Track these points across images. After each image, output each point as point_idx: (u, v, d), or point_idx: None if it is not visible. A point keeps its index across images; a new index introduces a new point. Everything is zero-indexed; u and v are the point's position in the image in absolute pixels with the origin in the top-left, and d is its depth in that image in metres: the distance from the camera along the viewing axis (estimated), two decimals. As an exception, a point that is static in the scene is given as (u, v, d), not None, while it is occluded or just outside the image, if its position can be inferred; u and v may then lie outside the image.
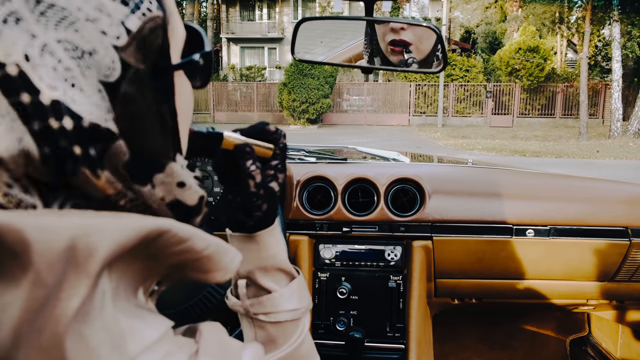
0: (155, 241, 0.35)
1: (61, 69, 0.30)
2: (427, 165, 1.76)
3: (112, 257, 0.32)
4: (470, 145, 13.28)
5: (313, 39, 1.11)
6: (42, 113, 0.30)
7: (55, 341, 0.29)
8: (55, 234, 0.29)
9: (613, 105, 15.99)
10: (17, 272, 0.28)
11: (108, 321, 0.32)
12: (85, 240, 0.30)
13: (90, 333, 0.30)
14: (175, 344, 0.36)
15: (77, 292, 0.29)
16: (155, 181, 0.38)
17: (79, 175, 0.32)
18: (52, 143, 0.31)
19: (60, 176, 0.32)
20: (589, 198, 1.37)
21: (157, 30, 0.36)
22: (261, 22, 24.32)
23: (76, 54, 0.31)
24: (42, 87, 0.30)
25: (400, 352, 1.34)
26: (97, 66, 0.32)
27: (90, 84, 0.32)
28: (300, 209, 1.35)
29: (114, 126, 0.33)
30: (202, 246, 0.39)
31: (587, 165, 10.04)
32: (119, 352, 0.31)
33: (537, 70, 18.57)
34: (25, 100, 0.29)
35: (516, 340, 2.03)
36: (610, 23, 16.71)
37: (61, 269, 0.29)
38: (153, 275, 0.39)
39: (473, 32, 26.57)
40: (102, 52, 0.32)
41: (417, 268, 1.34)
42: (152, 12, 0.35)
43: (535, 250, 1.33)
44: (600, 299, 1.43)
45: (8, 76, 0.29)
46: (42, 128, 0.30)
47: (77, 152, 0.32)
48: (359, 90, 20.82)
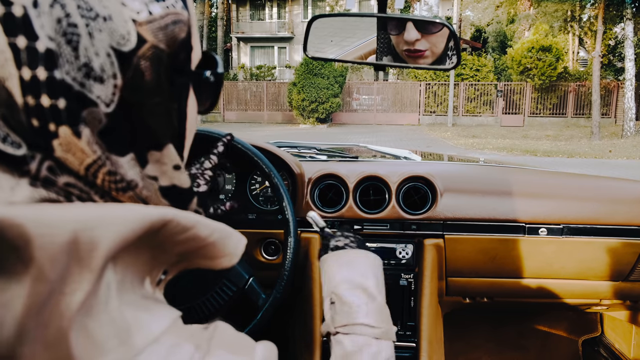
0: (160, 231, 0.35)
1: (65, 23, 0.30)
2: (439, 164, 1.76)
3: (116, 250, 0.31)
4: (481, 145, 13.20)
5: (325, 37, 1.11)
6: (34, 61, 0.30)
7: (60, 336, 0.28)
8: (57, 228, 0.28)
9: (626, 105, 15.81)
10: (18, 268, 0.28)
11: (113, 315, 0.31)
12: (88, 234, 0.29)
13: (95, 327, 0.30)
14: (182, 335, 0.35)
15: (80, 286, 0.29)
16: (149, 157, 0.38)
17: (59, 134, 0.32)
18: (37, 93, 0.30)
19: (41, 132, 0.31)
20: (603, 197, 1.36)
21: (180, 24, 0.36)
22: (271, 22, 24.36)
23: (89, 14, 0.31)
24: (41, 34, 0.30)
25: (411, 351, 1.33)
26: (109, 31, 0.32)
27: (96, 46, 0.32)
28: (312, 206, 1.35)
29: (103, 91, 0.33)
30: (206, 233, 0.39)
31: (599, 165, 9.94)
32: (125, 346, 0.31)
33: (549, 69, 18.41)
34: (21, 44, 0.29)
35: (528, 340, 2.02)
36: (624, 21, 16.51)
37: (64, 263, 0.28)
38: (160, 264, 0.39)
39: (484, 30, 26.41)
40: (118, 20, 0.32)
41: (428, 266, 1.33)
42: (176, 8, 0.36)
43: (548, 249, 1.32)
44: (614, 299, 1.42)
45: (12, 15, 0.29)
46: (31, 77, 0.30)
47: (61, 106, 0.31)
48: (369, 89, 20.78)
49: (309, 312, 1.35)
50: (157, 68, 0.35)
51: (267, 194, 1.36)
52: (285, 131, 17.38)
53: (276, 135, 15.15)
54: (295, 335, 1.49)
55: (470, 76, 20.24)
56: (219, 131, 1.10)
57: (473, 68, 20.26)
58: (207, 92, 0.45)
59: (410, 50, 1.02)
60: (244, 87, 21.61)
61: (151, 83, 0.35)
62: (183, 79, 0.39)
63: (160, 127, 0.38)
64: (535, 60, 18.35)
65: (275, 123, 20.85)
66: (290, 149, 1.78)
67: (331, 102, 18.44)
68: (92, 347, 0.29)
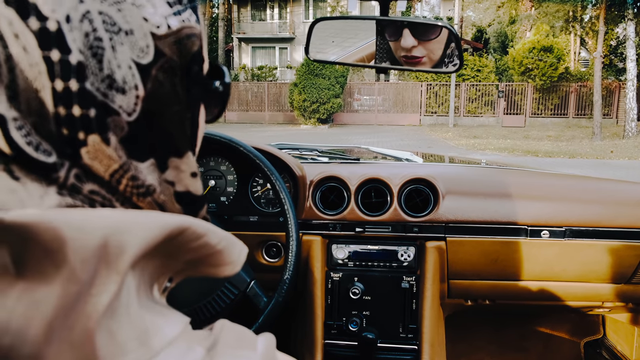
0: (176, 239, 0.36)
1: (92, 37, 0.32)
2: (441, 166, 1.75)
3: (141, 254, 0.33)
4: (482, 146, 13.19)
5: (327, 39, 1.11)
6: (67, 72, 0.31)
7: (86, 336, 0.29)
8: (89, 232, 0.29)
9: (627, 105, 15.78)
10: (50, 269, 0.29)
11: (134, 317, 0.32)
12: (117, 238, 0.30)
13: (117, 328, 0.31)
14: (194, 339, 0.36)
15: (107, 288, 0.30)
16: (170, 164, 0.40)
17: (88, 142, 0.33)
18: (68, 103, 0.32)
19: (70, 140, 0.32)
20: (606, 199, 1.36)
21: (194, 38, 0.38)
22: (272, 22, 24.37)
23: (113, 29, 0.33)
24: (73, 48, 0.31)
25: (413, 353, 1.33)
26: (130, 45, 0.34)
27: (119, 58, 0.33)
28: (313, 209, 1.35)
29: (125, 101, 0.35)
30: (216, 241, 0.40)
31: (601, 165, 9.93)
32: (144, 347, 0.32)
33: (550, 69, 18.40)
34: (55, 57, 0.31)
35: (529, 342, 2.01)
36: (625, 21, 16.49)
37: (94, 265, 0.29)
38: (167, 272, 0.40)
39: (485, 31, 26.40)
40: (138, 34, 0.34)
41: (430, 269, 1.33)
42: (191, 22, 0.38)
43: (550, 251, 1.32)
44: (616, 301, 1.42)
45: (47, 30, 0.30)
46: (64, 88, 0.31)
47: (92, 115, 0.33)
48: (370, 90, 20.78)
49: (311, 314, 1.34)
50: (173, 79, 0.37)
51: (268, 196, 1.36)
52: (287, 132, 17.38)
53: (277, 136, 15.16)
54: (297, 338, 1.49)
55: (472, 77, 20.23)
56: (220, 133, 1.10)
57: (474, 68, 20.26)
58: (216, 101, 0.46)
59: (408, 56, 1.03)
60: (245, 87, 21.63)
61: (169, 93, 0.37)
62: (196, 89, 0.41)
63: (180, 134, 0.40)
64: (537, 60, 18.34)
65: (277, 123, 20.86)
66: (292, 150, 1.78)
67: (332, 103, 18.45)
68: (115, 348, 0.30)
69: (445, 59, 1.02)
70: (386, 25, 1.01)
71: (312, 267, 1.35)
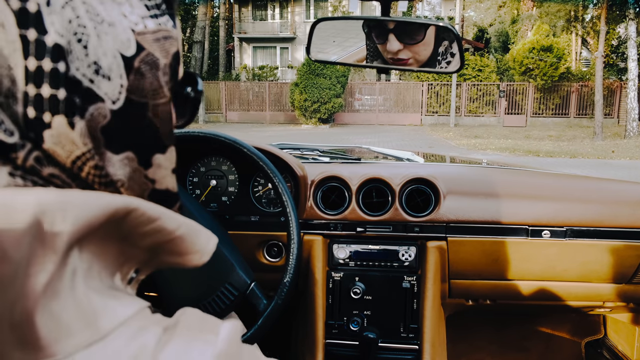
0: (124, 220, 0.36)
1: (76, 24, 0.33)
2: (442, 166, 1.75)
3: (81, 233, 0.32)
4: (483, 145, 13.18)
5: (329, 39, 1.11)
6: (42, 52, 0.32)
7: (26, 317, 0.29)
8: (19, 210, 0.29)
9: (629, 105, 15.77)
10: None
11: (79, 299, 0.32)
12: (51, 215, 0.30)
13: (60, 310, 0.30)
14: (149, 320, 0.36)
15: (44, 267, 0.29)
16: (153, 161, 0.41)
17: (52, 125, 0.33)
18: (39, 83, 0.32)
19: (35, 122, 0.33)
20: (606, 199, 1.36)
21: (171, 40, 0.40)
22: (273, 22, 24.37)
23: (97, 18, 0.34)
24: (50, 30, 0.32)
25: (414, 353, 1.33)
26: (114, 36, 0.35)
27: (104, 47, 0.34)
28: (315, 209, 1.35)
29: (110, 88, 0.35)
30: (173, 226, 0.40)
31: (602, 165, 9.92)
32: (91, 329, 0.32)
33: (551, 69, 18.39)
34: (32, 36, 0.32)
35: (530, 342, 2.01)
36: (626, 21, 16.47)
37: (28, 245, 0.29)
38: (129, 260, 0.40)
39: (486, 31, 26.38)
40: (119, 28, 0.35)
41: (431, 269, 1.33)
42: (167, 26, 0.39)
43: (551, 251, 1.32)
44: (617, 301, 1.42)
45: (26, 10, 0.31)
46: (36, 67, 0.32)
47: (61, 96, 0.33)
48: (371, 89, 20.78)
49: (312, 314, 1.35)
50: (156, 73, 0.38)
51: (269, 196, 1.36)
52: (287, 131, 17.38)
53: (278, 136, 15.16)
54: (298, 338, 1.49)
55: (473, 76, 20.22)
56: (221, 133, 1.10)
57: (475, 68, 20.24)
58: (187, 107, 0.48)
59: (394, 59, 1.03)
60: (246, 87, 21.63)
61: (152, 85, 0.38)
62: (174, 87, 0.42)
63: (164, 128, 0.41)
64: (537, 60, 18.32)
65: (278, 123, 20.86)
66: (293, 150, 1.78)
67: (333, 103, 18.44)
68: (58, 329, 0.30)
69: (446, 59, 1.02)
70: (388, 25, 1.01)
71: (313, 267, 1.35)
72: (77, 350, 0.31)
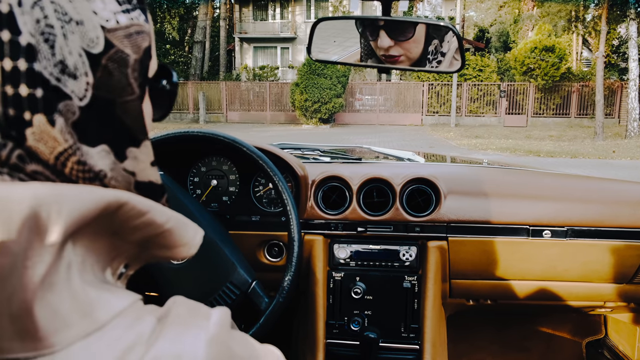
0: (116, 214, 0.37)
1: (44, 24, 0.34)
2: (443, 166, 1.75)
3: (75, 226, 0.33)
4: (484, 145, 13.18)
5: (329, 39, 1.11)
6: (16, 52, 0.32)
7: (25, 309, 0.29)
8: (16, 203, 0.30)
9: (630, 105, 15.75)
10: None
11: (75, 291, 0.33)
12: (47, 209, 0.31)
13: (58, 301, 0.31)
14: (144, 310, 0.37)
15: (42, 259, 0.30)
16: (128, 154, 0.42)
17: (33, 123, 0.34)
18: (15, 82, 0.33)
19: (16, 121, 0.33)
20: (607, 199, 1.36)
21: (143, 34, 0.40)
22: (274, 22, 24.37)
23: (64, 17, 0.35)
24: (24, 30, 0.33)
25: (414, 353, 1.33)
26: (81, 34, 0.36)
27: (70, 46, 0.35)
28: (315, 208, 1.35)
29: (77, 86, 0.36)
30: (162, 219, 0.41)
31: (603, 165, 9.91)
32: (88, 320, 0.32)
33: (552, 69, 18.37)
34: (5, 37, 0.32)
35: (531, 342, 2.01)
36: (627, 21, 16.46)
37: (25, 237, 0.29)
38: (119, 254, 0.40)
39: (487, 31, 26.37)
40: (88, 25, 0.36)
41: (432, 268, 1.33)
42: (139, 20, 0.40)
43: (552, 251, 1.32)
44: (618, 301, 1.42)
45: None
46: (12, 67, 0.32)
47: (39, 95, 0.34)
48: (372, 89, 20.77)
49: (312, 314, 1.35)
50: (124, 70, 0.39)
51: (270, 196, 1.36)
52: (288, 131, 17.38)
53: (279, 136, 15.16)
54: (299, 337, 1.49)
55: (474, 76, 20.21)
56: (221, 132, 1.10)
57: (476, 68, 20.23)
58: (162, 100, 0.48)
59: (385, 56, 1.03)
60: (247, 87, 21.63)
61: (119, 83, 0.39)
62: (145, 83, 0.43)
63: (134, 124, 0.42)
64: (538, 60, 18.31)
65: (278, 123, 20.86)
66: (294, 150, 1.78)
67: (334, 103, 18.44)
68: (56, 320, 0.31)
69: (447, 58, 1.02)
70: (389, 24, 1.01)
71: (314, 266, 1.35)
72: (75, 340, 0.31)
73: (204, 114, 20.68)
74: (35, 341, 0.30)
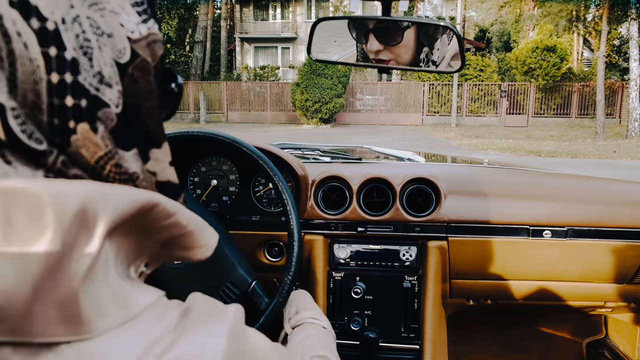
0: (148, 214, 0.40)
1: (82, 38, 0.37)
2: (443, 165, 1.75)
3: (115, 223, 0.36)
4: (485, 145, 13.17)
5: (329, 39, 1.11)
6: (63, 66, 0.35)
7: (72, 296, 0.32)
8: (69, 199, 0.33)
9: (630, 105, 15.74)
10: (35, 234, 0.31)
11: (112, 284, 0.36)
12: (94, 205, 0.34)
13: (98, 291, 0.34)
14: (168, 305, 0.41)
15: (88, 251, 0.33)
16: (151, 155, 0.45)
17: (77, 131, 0.37)
18: (62, 94, 0.36)
19: (61, 129, 0.36)
20: (608, 199, 1.36)
21: (158, 43, 0.44)
22: (275, 22, 24.38)
23: (98, 31, 0.38)
24: (68, 46, 0.36)
25: (415, 353, 1.33)
26: (112, 46, 0.39)
27: (104, 57, 0.38)
28: (315, 208, 1.35)
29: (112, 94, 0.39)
30: (186, 221, 0.44)
31: (603, 165, 9.91)
32: (123, 310, 0.36)
33: (553, 69, 18.36)
34: (53, 52, 0.35)
35: (531, 342, 2.01)
36: (628, 21, 16.44)
37: (75, 230, 0.32)
38: (143, 253, 0.43)
39: (487, 31, 26.36)
40: (117, 37, 0.39)
41: (432, 268, 1.33)
42: (154, 29, 0.43)
43: (552, 251, 1.32)
44: (619, 301, 1.42)
45: (46, 29, 0.34)
46: (59, 80, 0.35)
47: (83, 105, 0.37)
48: (372, 89, 20.77)
49: (313, 314, 1.35)
50: (147, 77, 0.42)
51: (270, 195, 1.36)
52: (289, 131, 17.38)
53: (279, 136, 15.16)
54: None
55: (474, 76, 20.20)
56: (222, 132, 1.10)
57: (477, 68, 20.22)
58: (170, 102, 0.51)
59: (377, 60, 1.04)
60: (248, 87, 21.63)
61: (144, 89, 0.42)
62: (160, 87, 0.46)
63: (156, 127, 0.45)
64: (539, 60, 18.29)
65: (279, 123, 20.86)
66: (294, 150, 1.78)
67: (334, 103, 18.44)
68: (97, 309, 0.34)
69: (447, 58, 1.02)
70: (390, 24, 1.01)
71: (314, 266, 1.35)
72: (111, 328, 0.34)
73: (204, 114, 20.69)
74: (78, 326, 0.33)
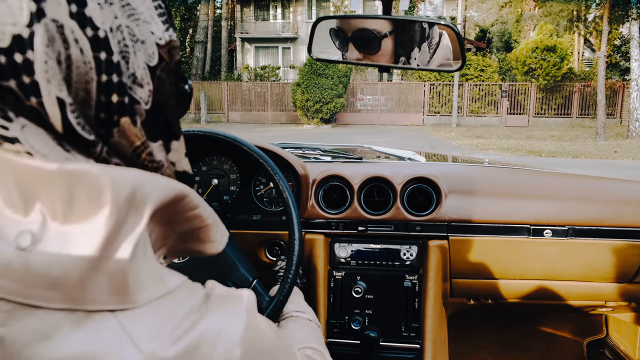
0: (178, 204, 0.45)
1: (122, 44, 0.42)
2: (444, 165, 1.75)
3: (157, 208, 0.41)
4: (485, 145, 13.16)
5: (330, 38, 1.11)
6: (111, 68, 0.41)
7: (121, 268, 0.37)
8: (123, 182, 0.38)
9: (631, 105, 15.73)
10: (92, 211, 0.36)
11: (150, 262, 0.41)
12: (142, 189, 0.40)
13: (141, 267, 0.39)
14: (195, 286, 0.46)
15: (136, 229, 0.39)
16: (172, 146, 0.50)
17: (120, 123, 0.43)
18: (109, 92, 0.41)
19: (106, 122, 0.42)
20: (608, 198, 1.36)
21: (177, 48, 0.49)
22: (275, 22, 24.38)
23: (133, 38, 0.43)
24: (115, 50, 0.41)
25: (415, 352, 1.33)
26: (144, 51, 0.45)
27: (138, 61, 0.44)
28: (316, 207, 1.35)
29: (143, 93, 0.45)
30: (206, 215, 0.49)
31: (604, 165, 9.90)
32: (161, 284, 0.41)
33: (554, 69, 18.34)
34: (103, 57, 0.40)
35: (532, 341, 2.01)
36: (629, 21, 16.43)
37: (126, 209, 0.38)
38: (165, 244, 0.48)
39: (488, 31, 26.35)
40: (148, 44, 0.45)
41: (432, 268, 1.33)
42: (174, 37, 0.49)
43: (553, 250, 1.32)
44: (619, 300, 1.41)
45: (98, 37, 0.40)
46: (106, 80, 0.41)
47: (126, 102, 0.42)
48: (373, 89, 20.76)
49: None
50: (170, 79, 0.48)
51: (271, 195, 1.36)
52: (289, 131, 17.37)
53: (280, 136, 15.15)
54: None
55: (475, 76, 20.19)
56: (223, 132, 1.10)
57: (477, 68, 20.21)
58: (183, 102, 0.56)
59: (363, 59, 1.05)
60: (248, 87, 21.63)
61: (168, 89, 0.48)
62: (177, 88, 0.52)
63: (175, 121, 0.51)
64: (540, 60, 18.28)
65: (279, 123, 20.86)
66: (295, 150, 1.78)
67: (335, 103, 18.43)
68: (139, 282, 0.39)
69: (448, 58, 1.02)
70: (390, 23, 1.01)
71: (314, 265, 1.35)
72: (151, 300, 0.40)
73: (205, 114, 20.69)
74: (124, 296, 0.38)
